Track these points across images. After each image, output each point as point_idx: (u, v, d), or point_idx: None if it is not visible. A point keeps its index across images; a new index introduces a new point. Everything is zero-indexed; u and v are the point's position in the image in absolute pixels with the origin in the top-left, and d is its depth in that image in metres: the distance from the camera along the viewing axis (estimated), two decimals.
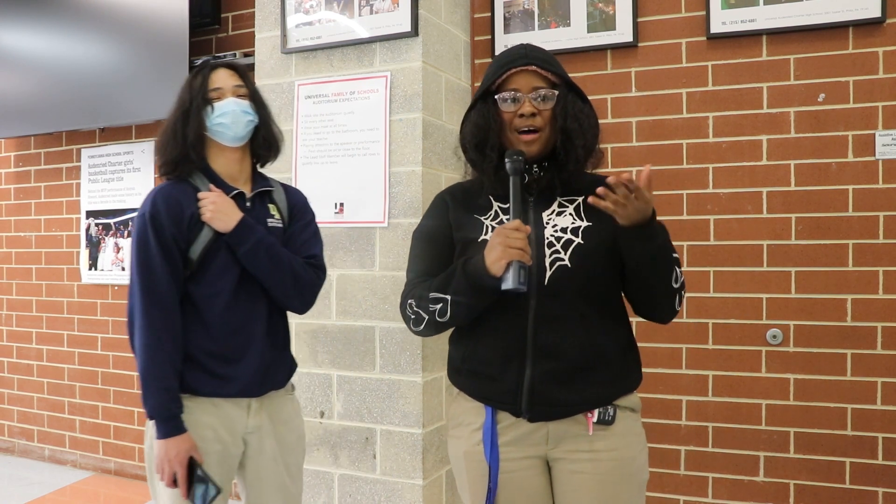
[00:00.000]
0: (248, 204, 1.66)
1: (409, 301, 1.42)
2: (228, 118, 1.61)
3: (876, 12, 2.31)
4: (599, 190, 1.25)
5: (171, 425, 1.51)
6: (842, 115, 2.39)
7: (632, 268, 1.37)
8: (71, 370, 3.79)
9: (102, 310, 3.67)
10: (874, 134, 2.36)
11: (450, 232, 1.46)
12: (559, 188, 1.41)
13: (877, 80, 2.35)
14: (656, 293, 1.38)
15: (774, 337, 2.46)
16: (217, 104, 1.62)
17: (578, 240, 1.37)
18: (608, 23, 2.64)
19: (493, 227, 1.41)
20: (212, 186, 1.62)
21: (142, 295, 1.54)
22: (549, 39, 2.73)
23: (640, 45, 2.62)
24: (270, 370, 1.66)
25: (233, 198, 1.63)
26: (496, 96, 1.40)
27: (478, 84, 2.87)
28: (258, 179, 1.73)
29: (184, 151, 1.61)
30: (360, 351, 2.60)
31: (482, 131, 1.40)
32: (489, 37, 2.84)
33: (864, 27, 2.35)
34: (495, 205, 1.45)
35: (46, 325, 3.87)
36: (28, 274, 3.94)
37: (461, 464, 1.48)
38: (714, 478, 2.54)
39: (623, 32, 2.62)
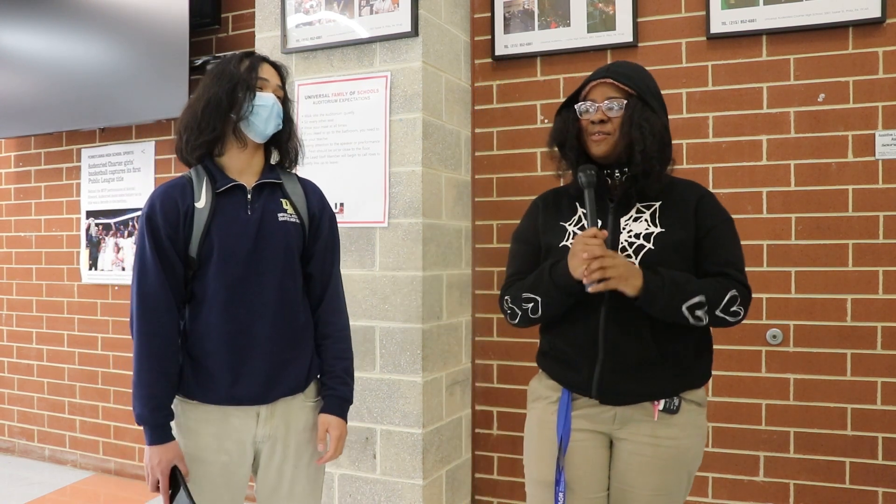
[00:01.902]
0: (248, 196, 1.57)
1: (506, 297, 1.62)
2: (266, 111, 1.55)
3: (876, 12, 2.32)
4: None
5: (156, 433, 1.48)
6: (842, 115, 2.39)
7: None
8: (71, 370, 3.79)
9: (102, 310, 3.68)
10: (874, 134, 2.36)
11: (538, 235, 1.64)
12: (635, 195, 1.54)
13: (877, 80, 2.35)
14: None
15: (774, 337, 2.46)
16: (259, 94, 1.56)
17: (650, 245, 1.49)
18: (608, 23, 2.64)
19: (574, 233, 1.56)
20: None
21: (136, 298, 1.50)
22: (549, 39, 2.73)
23: (640, 45, 2.62)
24: (281, 374, 1.57)
25: (229, 190, 1.56)
26: (575, 105, 1.58)
27: (478, 84, 2.88)
28: (266, 173, 1.63)
29: (226, 129, 1.55)
30: (360, 351, 2.60)
31: (561, 134, 1.59)
32: (489, 37, 2.84)
33: (864, 27, 2.35)
34: (580, 210, 1.60)
35: (46, 325, 3.87)
36: (28, 274, 3.94)
37: (534, 430, 1.65)
38: (714, 478, 2.54)
39: (623, 32, 2.63)
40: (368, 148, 2.59)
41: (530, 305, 1.54)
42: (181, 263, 1.53)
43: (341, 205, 2.63)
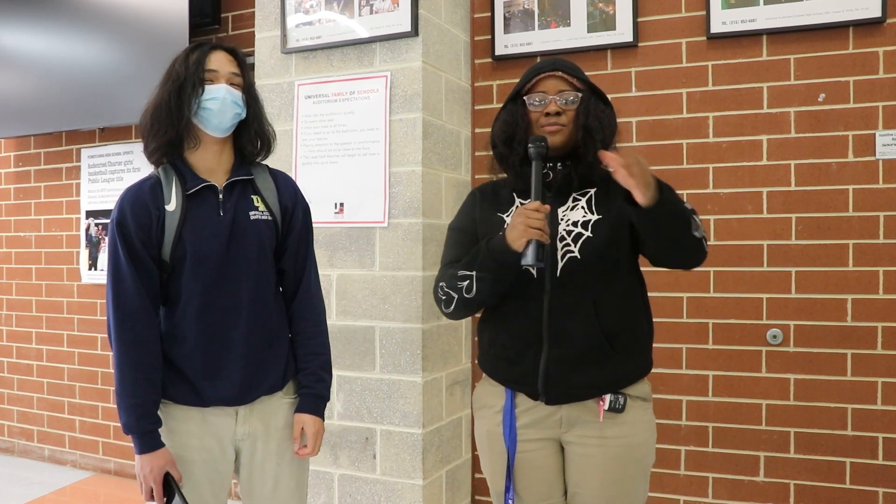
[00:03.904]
0: (220, 196, 1.53)
1: (441, 283, 1.56)
2: (216, 104, 1.49)
3: (876, 12, 2.31)
4: (607, 162, 1.33)
5: (145, 441, 1.46)
6: (842, 115, 2.39)
7: (654, 236, 1.43)
8: (71, 370, 3.79)
9: (102, 310, 3.67)
10: (874, 134, 2.36)
11: (475, 226, 1.61)
12: (577, 183, 1.52)
13: (877, 80, 2.35)
14: (683, 247, 1.45)
15: (774, 337, 2.46)
16: (208, 87, 1.49)
17: (588, 233, 1.48)
18: (608, 23, 2.64)
19: None
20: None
21: (113, 305, 1.47)
22: (548, 39, 2.73)
23: (640, 45, 2.62)
24: (258, 375, 1.55)
25: (200, 190, 1.51)
26: (524, 97, 1.55)
27: (478, 84, 2.88)
28: (237, 170, 1.57)
29: (179, 132, 1.49)
30: (360, 351, 2.60)
31: (511, 127, 1.55)
32: (489, 37, 2.84)
33: (864, 27, 2.35)
34: (517, 201, 1.58)
35: (46, 325, 3.87)
36: (28, 274, 3.94)
37: (484, 443, 1.64)
38: (714, 478, 2.54)
39: (623, 32, 2.62)
40: (368, 148, 2.59)
41: (465, 283, 1.48)
42: (156, 267, 1.50)
43: (341, 205, 2.62)
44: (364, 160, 2.59)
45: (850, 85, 2.38)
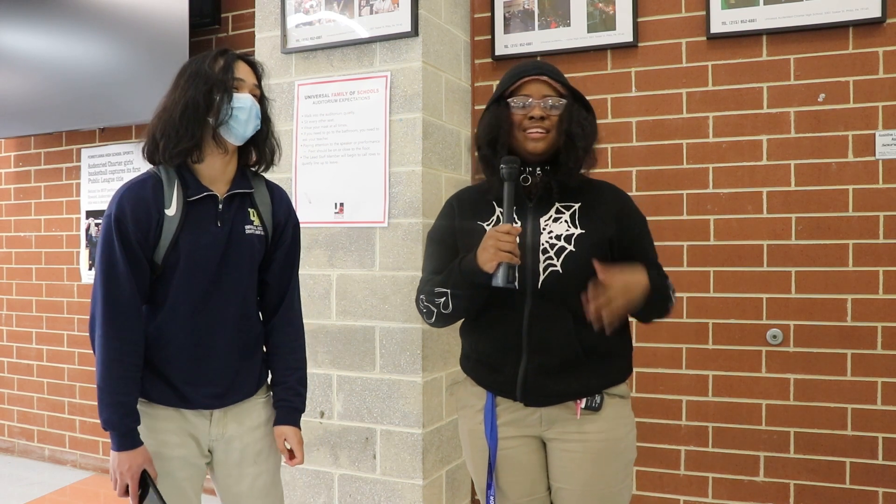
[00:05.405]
0: (220, 207, 1.52)
1: (421, 297, 1.60)
2: (244, 113, 1.49)
3: (876, 12, 2.31)
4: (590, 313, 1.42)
5: (125, 439, 1.46)
6: (842, 115, 2.39)
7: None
8: (71, 370, 3.79)
9: None
10: (874, 134, 2.36)
11: (454, 236, 1.62)
12: (556, 191, 1.53)
13: (877, 80, 2.35)
14: (654, 318, 1.62)
15: (774, 337, 2.46)
16: (236, 95, 1.49)
17: (570, 247, 1.50)
18: (608, 23, 2.64)
19: None
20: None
21: (104, 302, 1.45)
22: (549, 39, 2.73)
23: (640, 45, 2.62)
24: (235, 383, 1.58)
25: (202, 199, 1.51)
26: (509, 100, 1.55)
27: (478, 84, 2.88)
28: (238, 181, 1.57)
29: (204, 135, 1.48)
30: (360, 351, 2.60)
31: (494, 129, 1.55)
32: (489, 37, 2.84)
33: (864, 27, 2.35)
34: (498, 210, 1.59)
35: (46, 325, 3.87)
36: (28, 274, 3.94)
37: (466, 440, 1.68)
38: (714, 478, 2.54)
39: (623, 32, 2.62)
40: (368, 148, 2.59)
41: (442, 300, 1.52)
42: (148, 268, 1.49)
43: (341, 205, 2.62)
44: (364, 160, 2.59)
45: (850, 85, 2.38)
